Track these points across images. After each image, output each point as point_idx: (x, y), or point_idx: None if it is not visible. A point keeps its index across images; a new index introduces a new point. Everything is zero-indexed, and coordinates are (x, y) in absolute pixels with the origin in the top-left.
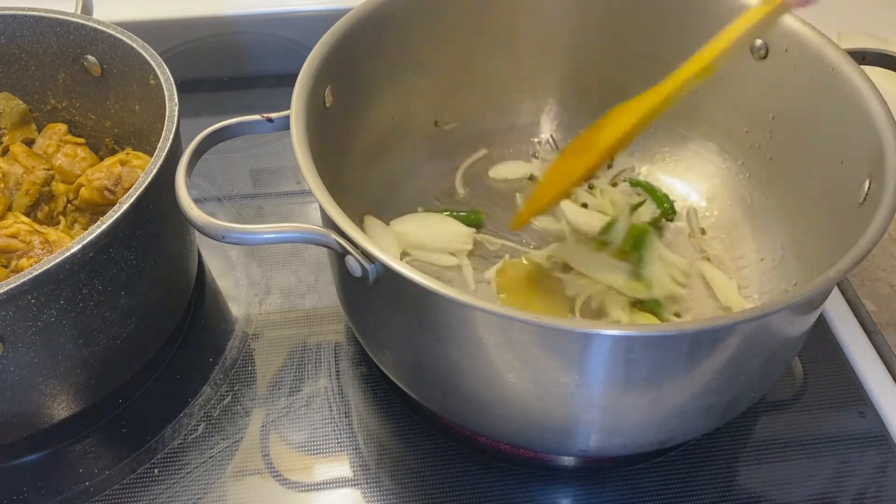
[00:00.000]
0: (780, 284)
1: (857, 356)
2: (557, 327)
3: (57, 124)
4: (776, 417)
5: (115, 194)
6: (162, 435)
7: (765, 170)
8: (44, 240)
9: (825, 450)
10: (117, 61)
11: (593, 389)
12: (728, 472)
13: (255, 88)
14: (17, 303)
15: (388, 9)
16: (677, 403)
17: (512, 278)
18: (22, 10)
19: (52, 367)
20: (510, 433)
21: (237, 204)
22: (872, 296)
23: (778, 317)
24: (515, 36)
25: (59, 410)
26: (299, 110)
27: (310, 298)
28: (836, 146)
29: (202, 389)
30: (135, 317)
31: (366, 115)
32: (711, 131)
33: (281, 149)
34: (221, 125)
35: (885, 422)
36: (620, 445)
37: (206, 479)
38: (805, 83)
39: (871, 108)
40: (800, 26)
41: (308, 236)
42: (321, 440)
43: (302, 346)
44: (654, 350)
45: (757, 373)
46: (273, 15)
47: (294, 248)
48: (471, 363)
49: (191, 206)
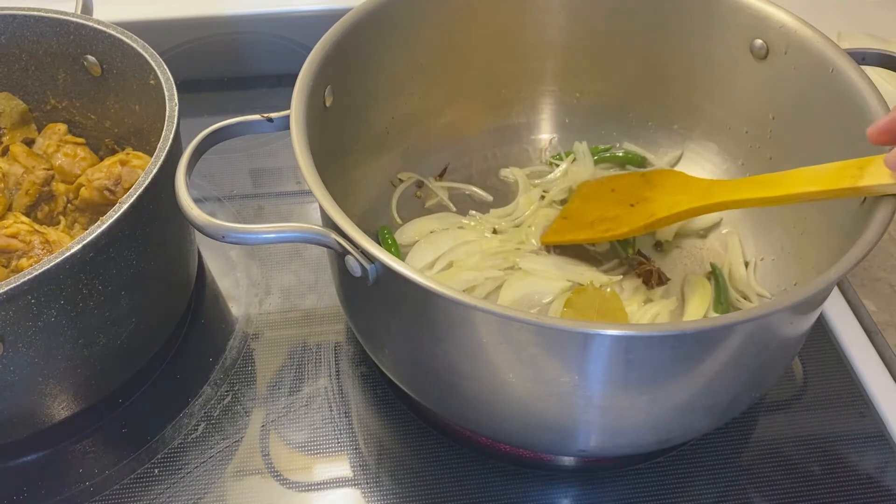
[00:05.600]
0: (780, 284)
1: (857, 356)
2: (557, 327)
3: (57, 124)
4: (776, 417)
5: (115, 194)
6: (162, 435)
7: (765, 170)
8: (44, 240)
9: (825, 450)
10: (117, 61)
11: (593, 389)
12: (728, 472)
13: (255, 88)
14: (17, 303)
15: (388, 9)
16: (677, 403)
17: (577, 304)
18: (22, 10)
19: (52, 367)
20: (510, 433)
21: (237, 204)
22: (872, 296)
23: (778, 317)
24: (515, 36)
25: (59, 410)
26: (299, 110)
27: (310, 298)
28: (836, 146)
29: (202, 389)
30: (135, 317)
31: (366, 115)
32: (711, 131)
33: (281, 149)
34: (221, 125)
35: (885, 422)
36: (620, 445)
37: (206, 479)
38: (805, 83)
39: (871, 108)
40: (800, 26)
41: (308, 236)
42: (321, 440)
43: (302, 346)
44: (654, 350)
45: (757, 373)
46: (273, 15)
47: (294, 248)
48: (471, 363)
49: (191, 206)
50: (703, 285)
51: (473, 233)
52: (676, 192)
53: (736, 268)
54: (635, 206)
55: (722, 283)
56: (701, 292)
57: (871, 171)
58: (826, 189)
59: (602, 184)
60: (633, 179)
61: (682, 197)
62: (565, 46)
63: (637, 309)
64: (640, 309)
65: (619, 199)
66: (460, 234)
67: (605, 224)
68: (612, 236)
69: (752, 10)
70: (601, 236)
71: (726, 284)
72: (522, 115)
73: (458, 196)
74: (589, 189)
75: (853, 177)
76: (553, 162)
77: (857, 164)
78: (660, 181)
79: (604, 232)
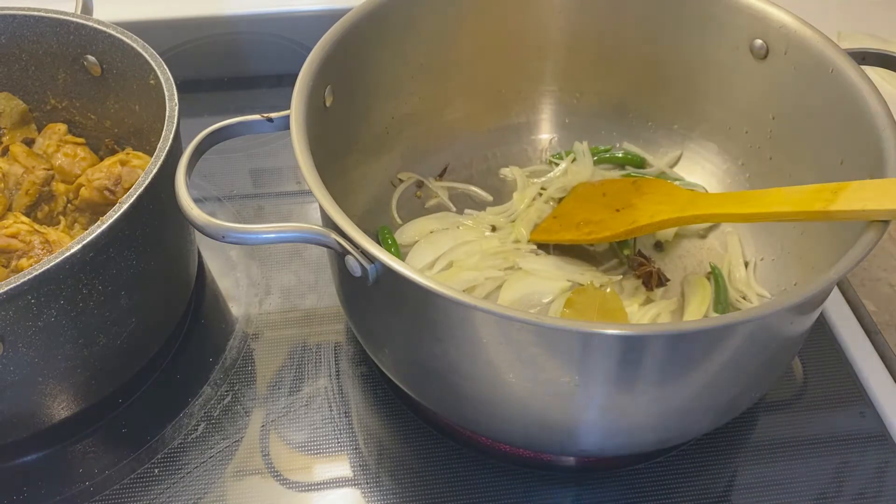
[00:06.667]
0: (780, 284)
1: (857, 356)
2: (557, 327)
3: (57, 124)
4: (776, 417)
5: (115, 194)
6: (162, 435)
7: (765, 170)
8: (44, 240)
9: (825, 450)
10: (117, 61)
11: (593, 389)
12: (728, 473)
13: (255, 88)
14: (17, 303)
15: (388, 9)
16: (677, 403)
17: (577, 304)
18: (22, 10)
19: (52, 367)
20: (510, 433)
21: (237, 204)
22: (872, 296)
23: (778, 317)
24: (515, 36)
25: (59, 410)
26: (299, 110)
27: (310, 298)
28: (836, 146)
29: (202, 389)
30: (135, 317)
31: (366, 115)
32: (711, 131)
33: (281, 149)
34: (221, 125)
35: (885, 422)
36: (620, 445)
37: (206, 479)
38: (805, 83)
39: (871, 108)
40: (800, 26)
41: (308, 236)
42: (321, 440)
43: (302, 346)
44: (654, 350)
45: (757, 373)
46: (273, 15)
47: (294, 248)
48: (471, 363)
49: (191, 206)
50: (703, 285)
51: (473, 233)
52: (660, 202)
53: (736, 268)
54: (620, 211)
55: (722, 283)
56: (701, 292)
57: (844, 196)
58: (799, 210)
59: (595, 187)
60: (624, 185)
61: (665, 206)
62: (565, 46)
63: (637, 309)
64: (641, 309)
65: (607, 204)
66: (460, 233)
67: (590, 227)
68: (593, 239)
69: (752, 10)
70: (584, 238)
71: (726, 284)
72: (522, 115)
73: (458, 196)
74: (583, 190)
75: (826, 200)
76: (553, 161)
77: (832, 188)
78: (648, 189)
79: (587, 234)
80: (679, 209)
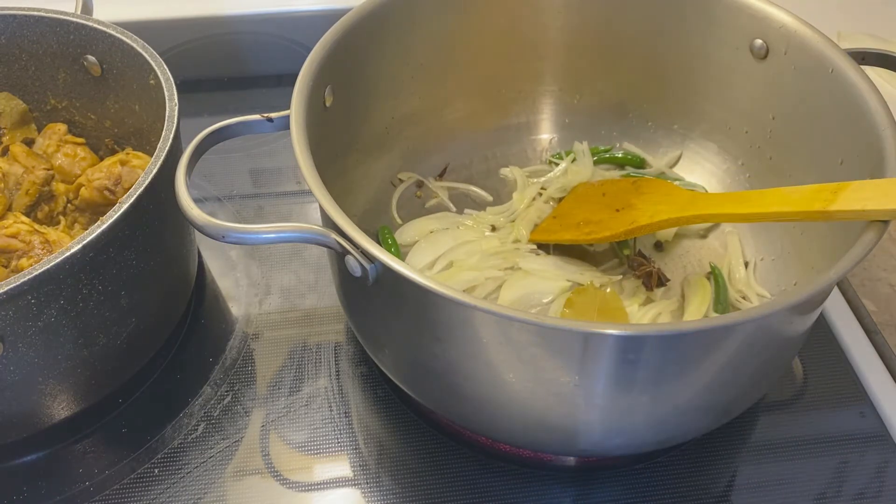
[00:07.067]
0: (780, 284)
1: (857, 356)
2: (557, 327)
3: (57, 124)
4: (776, 417)
5: (115, 194)
6: (162, 435)
7: (765, 170)
8: (44, 240)
9: (825, 450)
10: (117, 61)
11: (593, 389)
12: (728, 473)
13: (255, 88)
14: (17, 303)
15: (388, 9)
16: (677, 403)
17: (577, 304)
18: (22, 10)
19: (52, 367)
20: (510, 433)
21: (237, 204)
22: (872, 296)
23: (778, 317)
24: (515, 36)
25: (59, 410)
26: (299, 110)
27: (310, 298)
28: (836, 146)
29: (202, 389)
30: (135, 317)
31: (366, 115)
32: (711, 131)
33: (281, 149)
34: (221, 125)
35: (885, 422)
36: (620, 445)
37: (206, 479)
38: (805, 83)
39: (871, 108)
40: (800, 26)
41: (308, 236)
42: (321, 440)
43: (302, 346)
44: (654, 350)
45: (757, 373)
46: (273, 15)
47: (294, 248)
48: (471, 363)
49: (191, 206)
50: (703, 285)
51: (473, 233)
52: (660, 202)
53: (736, 268)
54: (620, 211)
55: (722, 283)
56: (701, 292)
57: (844, 197)
58: (799, 210)
59: (595, 187)
60: (624, 185)
61: (664, 207)
62: (565, 46)
63: (637, 309)
64: (641, 309)
65: (607, 204)
66: (460, 233)
67: (590, 227)
68: (593, 239)
69: (752, 10)
70: (584, 238)
71: (726, 284)
72: (522, 115)
73: (458, 196)
74: (583, 190)
75: (826, 200)
76: (553, 161)
77: (832, 188)
78: (648, 189)
79: (587, 234)
80: (679, 209)
